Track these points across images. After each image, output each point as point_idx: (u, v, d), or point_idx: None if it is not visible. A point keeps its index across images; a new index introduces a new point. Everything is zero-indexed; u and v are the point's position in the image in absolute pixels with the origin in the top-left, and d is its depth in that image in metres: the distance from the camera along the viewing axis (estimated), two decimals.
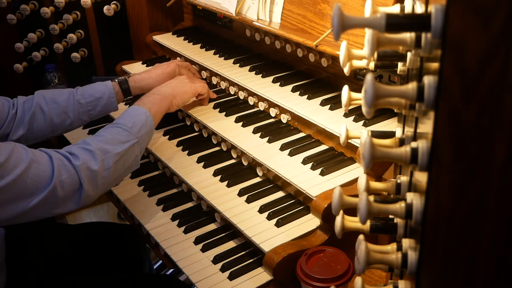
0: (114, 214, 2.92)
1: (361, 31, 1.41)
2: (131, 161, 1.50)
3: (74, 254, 1.79)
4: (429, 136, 0.61)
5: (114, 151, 1.43)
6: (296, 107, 1.64)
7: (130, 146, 1.48)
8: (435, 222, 0.63)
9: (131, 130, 1.51)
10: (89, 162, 1.37)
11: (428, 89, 0.59)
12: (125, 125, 1.51)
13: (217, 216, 1.57)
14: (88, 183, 1.36)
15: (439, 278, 0.66)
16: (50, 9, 2.28)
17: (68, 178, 1.33)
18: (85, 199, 1.38)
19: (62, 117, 1.71)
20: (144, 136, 1.54)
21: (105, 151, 1.42)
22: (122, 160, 1.46)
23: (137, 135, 1.51)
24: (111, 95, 1.77)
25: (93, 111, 1.76)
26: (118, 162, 1.44)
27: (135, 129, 1.52)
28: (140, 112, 1.58)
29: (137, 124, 1.53)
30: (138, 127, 1.53)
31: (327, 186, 1.41)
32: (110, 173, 1.42)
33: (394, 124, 1.51)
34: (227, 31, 2.20)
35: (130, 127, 1.52)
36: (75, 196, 1.36)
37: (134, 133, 1.51)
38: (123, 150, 1.46)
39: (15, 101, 1.68)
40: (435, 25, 0.56)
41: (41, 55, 2.40)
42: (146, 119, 1.57)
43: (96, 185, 1.39)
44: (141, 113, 1.58)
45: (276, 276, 1.32)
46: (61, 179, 1.31)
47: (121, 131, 1.50)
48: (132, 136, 1.50)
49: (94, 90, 1.76)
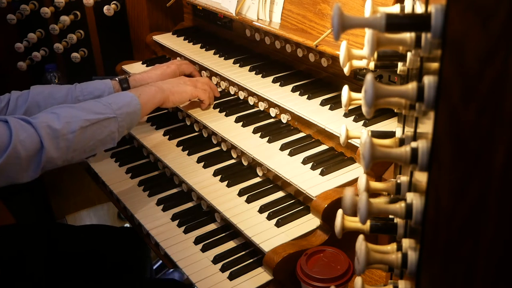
0: (114, 214, 2.92)
1: (361, 31, 1.41)
2: (104, 135, 1.47)
3: (75, 258, 1.78)
4: (429, 136, 0.61)
5: (83, 117, 1.41)
6: (296, 107, 1.64)
7: (105, 119, 1.46)
8: (435, 222, 0.63)
9: (109, 106, 1.48)
10: (50, 121, 1.35)
11: (428, 89, 0.59)
12: (104, 101, 1.50)
13: (217, 216, 1.57)
14: (49, 141, 1.34)
15: (439, 278, 0.66)
16: (50, 9, 2.28)
17: (28, 137, 1.31)
18: (48, 161, 1.35)
19: None
20: (124, 116, 1.51)
21: (72, 115, 1.39)
22: (93, 129, 1.43)
23: (115, 111, 1.49)
24: (110, 93, 1.75)
25: None
26: (87, 129, 1.41)
27: (115, 106, 1.49)
28: (126, 94, 1.57)
29: (118, 103, 1.51)
30: (119, 105, 1.51)
31: (327, 186, 1.41)
32: (74, 137, 1.39)
33: (394, 124, 1.51)
34: (227, 31, 2.20)
35: (110, 103, 1.49)
36: (37, 156, 1.33)
37: (112, 109, 1.48)
38: (95, 119, 1.43)
39: (7, 96, 1.66)
40: (435, 25, 0.56)
41: (41, 55, 2.40)
42: (130, 100, 1.54)
43: (58, 146, 1.36)
44: (127, 95, 1.56)
45: (276, 276, 1.32)
46: (20, 139, 1.29)
47: (98, 104, 1.48)
48: (109, 110, 1.48)
49: (93, 88, 1.75)
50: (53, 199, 2.66)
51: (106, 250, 1.84)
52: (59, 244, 1.80)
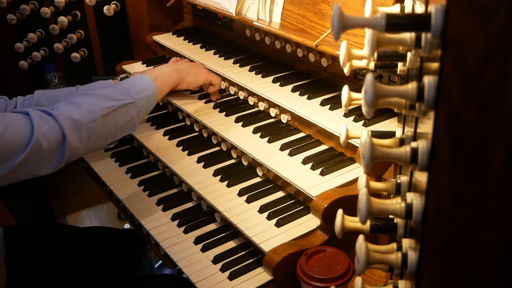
0: (114, 214, 2.92)
1: (361, 31, 1.41)
2: (125, 121, 1.46)
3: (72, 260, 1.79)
4: (429, 136, 0.61)
5: (103, 105, 1.40)
6: (296, 107, 1.64)
7: (124, 105, 1.44)
8: (435, 222, 0.63)
9: (127, 91, 1.47)
10: (71, 112, 1.34)
11: (428, 89, 0.59)
12: (121, 86, 1.48)
13: (217, 216, 1.57)
14: (71, 132, 1.33)
15: (439, 278, 0.66)
16: (50, 9, 2.28)
17: (50, 130, 1.30)
18: (71, 152, 1.34)
19: None
20: (142, 100, 1.50)
21: (92, 104, 1.38)
22: (113, 116, 1.42)
23: (134, 97, 1.47)
24: None
25: None
26: (108, 116, 1.40)
27: (133, 91, 1.48)
28: (142, 78, 1.55)
29: (136, 87, 1.50)
30: (136, 90, 1.49)
31: (327, 186, 1.41)
32: (96, 125, 1.38)
33: (394, 124, 1.51)
34: (227, 31, 2.20)
35: (127, 88, 1.48)
36: (60, 148, 1.32)
37: (131, 94, 1.47)
38: (114, 105, 1.42)
39: (14, 100, 1.67)
40: (435, 25, 0.56)
41: (41, 55, 2.40)
42: (147, 84, 1.53)
43: (80, 136, 1.35)
44: (144, 79, 1.55)
45: (276, 276, 1.32)
46: (42, 131, 1.28)
47: (116, 90, 1.47)
48: (128, 96, 1.46)
49: (95, 88, 1.75)
50: (53, 199, 2.66)
51: (105, 250, 1.84)
52: (62, 245, 1.80)
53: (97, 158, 1.92)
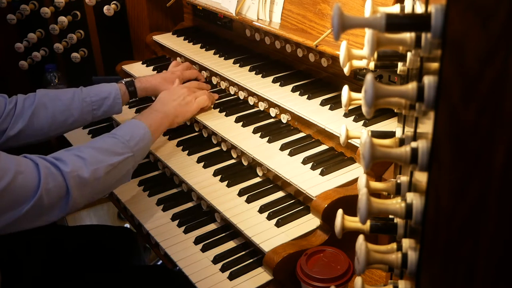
0: (114, 214, 2.92)
1: (361, 31, 1.41)
2: (122, 174, 1.48)
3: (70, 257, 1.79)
4: (429, 136, 0.61)
5: (107, 162, 1.41)
6: (296, 107, 1.64)
7: (124, 159, 1.46)
8: (435, 222, 0.63)
9: (127, 143, 1.49)
10: (79, 169, 1.34)
11: (428, 89, 0.59)
12: (122, 137, 1.49)
13: (217, 216, 1.57)
14: (76, 190, 1.33)
15: (439, 278, 0.66)
16: (50, 9, 2.28)
17: (55, 187, 1.29)
18: (72, 207, 1.34)
19: (66, 114, 1.70)
20: (139, 151, 1.53)
21: (98, 161, 1.39)
22: (114, 172, 1.44)
23: (133, 149, 1.49)
24: (117, 96, 1.77)
25: (97, 111, 1.75)
26: (110, 173, 1.42)
27: (132, 143, 1.50)
28: (139, 126, 1.56)
29: (135, 138, 1.51)
30: (135, 141, 1.51)
31: (327, 186, 1.41)
32: (100, 183, 1.39)
33: (394, 124, 1.51)
34: (227, 31, 2.20)
35: (128, 140, 1.49)
36: (61, 204, 1.32)
37: (130, 147, 1.49)
38: (117, 162, 1.44)
39: (14, 98, 1.66)
40: (435, 25, 0.56)
41: (41, 55, 2.40)
42: (144, 134, 1.55)
43: (84, 193, 1.36)
44: (140, 127, 1.56)
45: (276, 276, 1.32)
46: (47, 187, 1.27)
47: (118, 143, 1.48)
48: (128, 149, 1.48)
49: (100, 90, 1.76)
50: None
51: (98, 248, 1.84)
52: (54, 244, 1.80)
53: None
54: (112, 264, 1.83)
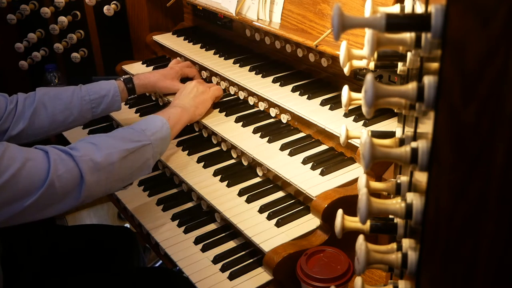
0: (114, 214, 2.92)
1: (361, 31, 1.41)
2: (141, 162, 1.44)
3: (69, 255, 1.79)
4: (429, 136, 0.61)
5: (122, 147, 1.38)
6: (296, 107, 1.64)
7: (141, 146, 1.44)
8: (435, 222, 0.63)
9: (144, 132, 1.47)
10: (92, 153, 1.31)
11: (428, 89, 0.59)
12: (138, 127, 1.48)
13: (217, 216, 1.57)
14: (90, 175, 1.30)
15: (439, 278, 0.66)
16: (50, 9, 2.28)
17: (67, 172, 1.26)
18: (86, 194, 1.31)
19: (66, 114, 1.70)
20: (158, 142, 1.49)
21: (111, 146, 1.36)
22: (131, 158, 1.40)
23: (150, 138, 1.47)
24: (115, 93, 1.77)
25: (96, 109, 1.75)
26: (126, 158, 1.38)
27: (149, 132, 1.48)
28: (156, 119, 1.56)
29: (151, 129, 1.50)
30: (152, 131, 1.49)
31: (327, 186, 1.41)
32: (115, 168, 1.35)
33: (394, 124, 1.51)
34: (227, 31, 2.20)
35: (144, 129, 1.48)
36: (75, 191, 1.29)
37: (147, 135, 1.47)
38: (133, 147, 1.41)
39: (15, 97, 1.66)
40: (435, 25, 0.56)
41: (41, 55, 2.40)
42: (162, 126, 1.53)
43: (99, 179, 1.32)
44: (157, 120, 1.55)
45: (276, 276, 1.32)
46: (58, 174, 1.25)
47: (133, 132, 1.46)
48: (145, 137, 1.46)
49: (99, 88, 1.76)
50: None
51: (97, 247, 1.84)
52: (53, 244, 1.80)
53: None
54: (111, 264, 1.83)
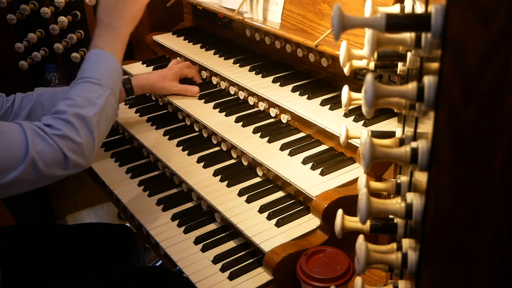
0: (114, 214, 2.92)
1: (361, 31, 1.41)
2: (111, 113, 1.44)
3: (69, 254, 1.79)
4: (429, 136, 0.61)
5: (91, 113, 1.36)
6: (296, 107, 1.64)
7: (105, 99, 1.41)
8: (435, 222, 0.63)
9: (101, 82, 1.43)
10: (71, 134, 1.31)
11: (428, 89, 0.59)
12: (93, 78, 1.43)
13: (217, 216, 1.57)
14: (74, 155, 1.30)
15: (439, 278, 0.66)
16: (50, 9, 2.28)
17: (47, 148, 1.26)
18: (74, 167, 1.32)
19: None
20: (115, 83, 1.47)
21: (82, 117, 1.35)
22: (103, 118, 1.39)
23: (107, 84, 1.43)
24: None
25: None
26: (99, 122, 1.38)
27: (105, 80, 1.44)
28: (101, 56, 1.49)
29: (105, 73, 1.45)
30: (106, 76, 1.45)
31: (327, 186, 1.41)
32: (94, 137, 1.35)
33: (394, 124, 1.51)
34: (227, 31, 2.20)
35: (99, 78, 1.43)
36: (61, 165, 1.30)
37: (105, 85, 1.43)
38: (100, 108, 1.39)
39: (12, 97, 1.66)
40: (435, 25, 0.56)
41: (41, 55, 2.40)
42: (112, 65, 1.49)
43: (83, 155, 1.33)
44: (109, 59, 1.49)
45: (276, 276, 1.32)
46: (38, 149, 1.25)
47: (91, 86, 1.42)
48: (104, 88, 1.42)
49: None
50: (53, 199, 2.65)
51: (97, 246, 1.84)
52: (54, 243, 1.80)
53: (97, 158, 1.92)
54: (111, 262, 1.83)
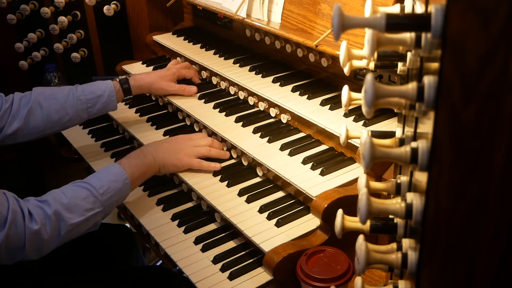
0: (114, 214, 2.92)
1: (361, 31, 1.41)
2: (89, 226, 1.44)
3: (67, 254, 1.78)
4: (429, 136, 0.61)
5: (70, 221, 1.37)
6: (296, 107, 1.64)
7: (92, 215, 1.42)
8: (435, 222, 0.63)
9: (100, 198, 1.43)
10: (42, 227, 1.32)
11: (428, 89, 0.59)
12: (96, 189, 1.44)
13: (217, 216, 1.57)
14: (31, 247, 1.31)
15: (439, 278, 0.66)
16: (50, 9, 2.28)
17: (15, 235, 1.28)
18: (21, 259, 1.33)
19: (61, 113, 1.70)
20: (112, 204, 1.48)
21: (61, 219, 1.35)
22: (77, 229, 1.40)
23: (104, 203, 1.44)
24: (111, 93, 1.77)
25: (92, 109, 1.75)
26: (72, 231, 1.39)
27: (105, 197, 1.44)
28: (119, 176, 1.50)
29: (109, 191, 1.46)
30: (109, 195, 1.45)
31: (327, 186, 1.41)
32: (59, 240, 1.37)
33: (394, 124, 1.51)
34: (227, 31, 2.20)
35: (101, 193, 1.44)
36: (15, 254, 1.31)
37: (102, 201, 1.44)
38: (82, 219, 1.39)
39: (11, 97, 1.67)
40: (435, 25, 0.56)
41: (41, 55, 2.40)
42: (122, 187, 1.49)
43: (40, 251, 1.35)
44: (120, 178, 1.50)
45: (276, 276, 1.32)
46: (9, 233, 1.26)
47: (89, 196, 1.42)
48: (98, 204, 1.43)
49: (95, 88, 1.76)
50: None
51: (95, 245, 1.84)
52: None
53: (97, 158, 1.92)
54: (110, 262, 1.83)
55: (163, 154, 1.63)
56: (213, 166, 1.66)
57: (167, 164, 1.63)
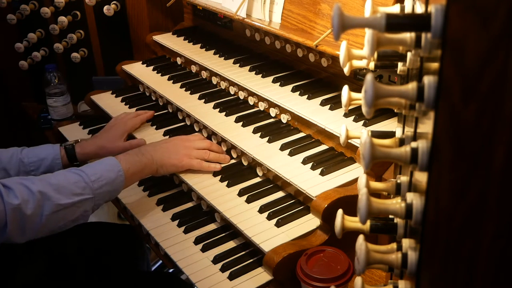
0: (114, 214, 2.92)
1: (361, 31, 1.41)
2: (77, 215, 1.39)
3: (71, 254, 1.78)
4: (429, 136, 0.61)
5: (57, 201, 1.33)
6: (296, 107, 1.64)
7: (80, 200, 1.38)
8: (435, 222, 0.63)
9: (91, 184, 1.40)
10: (23, 203, 1.27)
11: (428, 89, 0.59)
12: (88, 176, 1.41)
13: (217, 216, 1.57)
14: (14, 225, 1.27)
15: (439, 278, 0.66)
16: (50, 9, 2.28)
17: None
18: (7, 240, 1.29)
19: (2, 174, 1.63)
20: (103, 194, 1.44)
21: (47, 197, 1.31)
22: (64, 213, 1.35)
23: (95, 191, 1.41)
24: (56, 157, 1.70)
25: (36, 172, 1.68)
26: (58, 213, 1.34)
27: (96, 185, 1.41)
28: (113, 168, 1.46)
29: (101, 180, 1.42)
30: (100, 183, 1.42)
31: (327, 186, 1.41)
32: (42, 221, 1.32)
33: (394, 124, 1.51)
34: (227, 31, 2.20)
35: (93, 180, 1.41)
36: None
37: (93, 188, 1.40)
38: (69, 202, 1.35)
39: None
40: (435, 25, 0.56)
41: (41, 55, 2.40)
42: (115, 178, 1.46)
43: (23, 231, 1.29)
44: (114, 169, 1.46)
45: (276, 276, 1.32)
46: None
47: (79, 181, 1.39)
48: (88, 191, 1.39)
49: (39, 151, 1.70)
50: None
51: (101, 246, 1.84)
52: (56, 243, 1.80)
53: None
54: (116, 265, 1.82)
55: (162, 154, 1.63)
56: (213, 166, 1.66)
57: (166, 164, 1.62)
